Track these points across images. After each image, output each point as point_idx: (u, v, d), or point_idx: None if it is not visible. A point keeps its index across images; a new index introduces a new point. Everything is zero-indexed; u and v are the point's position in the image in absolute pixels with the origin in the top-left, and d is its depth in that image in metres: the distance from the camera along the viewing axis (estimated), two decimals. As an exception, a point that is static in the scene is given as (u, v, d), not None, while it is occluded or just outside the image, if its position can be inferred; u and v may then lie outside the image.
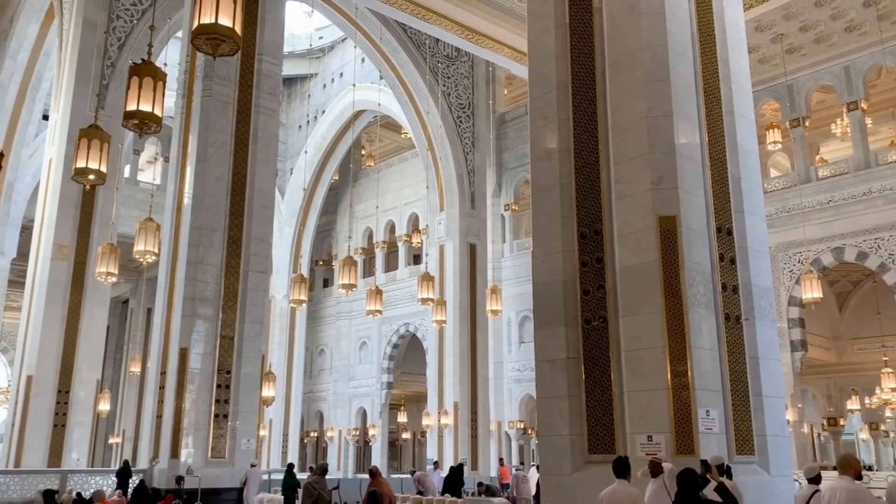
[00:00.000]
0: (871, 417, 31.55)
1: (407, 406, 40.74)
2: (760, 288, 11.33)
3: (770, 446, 10.55)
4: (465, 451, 27.49)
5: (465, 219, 29.61)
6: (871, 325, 29.05)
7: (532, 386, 12.30)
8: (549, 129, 11.87)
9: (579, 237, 11.17)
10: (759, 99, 25.32)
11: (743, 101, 12.02)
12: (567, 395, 10.78)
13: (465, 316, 28.66)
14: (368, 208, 35.97)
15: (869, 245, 24.52)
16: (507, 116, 33.73)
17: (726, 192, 11.20)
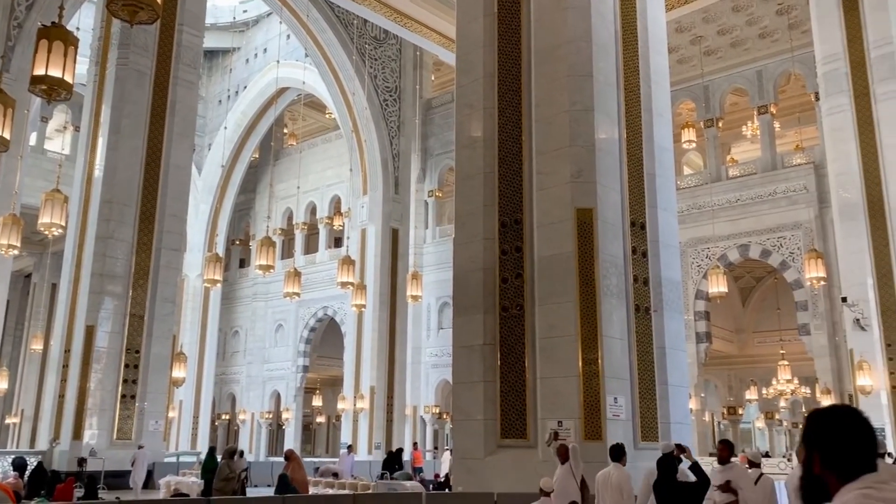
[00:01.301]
0: (767, 407, 33.31)
1: (322, 390, 40.43)
2: (670, 281, 11.78)
3: (673, 433, 11.01)
4: (380, 435, 27.55)
5: (388, 203, 29.50)
6: (771, 320, 30.62)
7: (449, 371, 12.44)
8: (474, 118, 11.96)
9: (500, 226, 11.33)
10: (676, 98, 26.16)
11: (661, 100, 12.41)
12: (482, 381, 10.95)
13: (385, 301, 28.62)
14: (289, 188, 35.35)
15: (772, 243, 25.77)
16: (434, 102, 33.71)
17: (641, 187, 11.57)
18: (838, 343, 23.43)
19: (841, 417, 1.98)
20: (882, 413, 19.20)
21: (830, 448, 1.93)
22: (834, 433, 1.95)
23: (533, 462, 9.80)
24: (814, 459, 1.95)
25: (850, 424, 1.96)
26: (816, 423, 1.99)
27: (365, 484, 14.73)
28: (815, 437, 1.97)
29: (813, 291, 23.73)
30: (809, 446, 1.97)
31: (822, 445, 1.95)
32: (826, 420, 1.99)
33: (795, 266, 24.81)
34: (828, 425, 1.98)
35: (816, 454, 1.95)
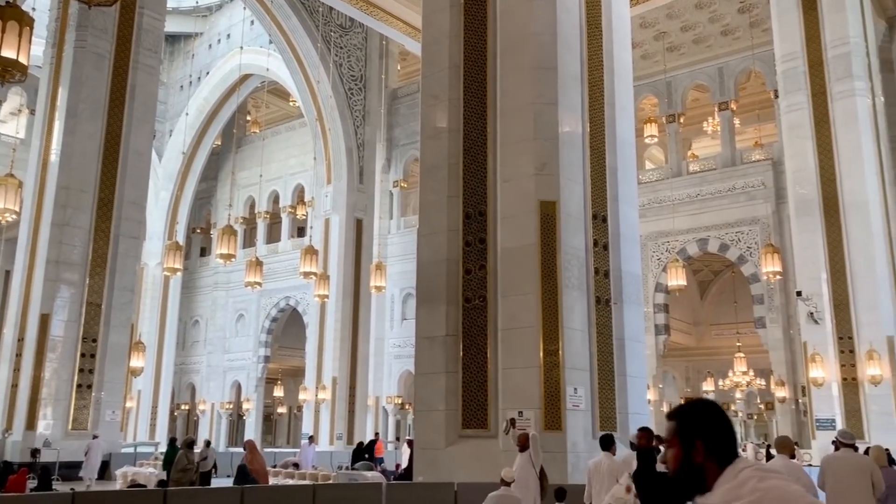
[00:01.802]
0: (723, 398, 33.96)
1: (284, 380, 40.16)
2: (630, 274, 11.94)
3: (631, 423, 11.18)
4: (342, 426, 27.47)
5: (352, 193, 29.32)
6: (728, 313, 31.23)
7: (412, 362, 12.48)
8: (439, 108, 11.95)
9: (464, 217, 11.35)
10: (639, 93, 26.45)
11: (624, 95, 12.54)
12: (445, 372, 10.99)
13: (349, 291, 28.49)
14: (252, 176, 34.92)
15: (730, 238, 26.27)
16: (400, 92, 33.57)
17: (604, 180, 11.69)
18: (793, 336, 24.02)
19: (714, 409, 2.13)
20: (833, 404, 19.75)
21: (713, 437, 2.06)
22: (714, 423, 2.09)
23: (493, 452, 9.87)
24: (697, 449, 2.06)
25: (722, 415, 2.12)
26: (695, 415, 2.13)
27: (326, 475, 14.71)
28: (697, 427, 2.09)
29: (769, 285, 24.27)
30: (690, 437, 2.08)
31: (706, 435, 2.07)
32: (704, 411, 2.13)
33: (752, 260, 25.33)
34: (707, 416, 2.11)
35: (700, 443, 2.06)
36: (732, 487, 1.97)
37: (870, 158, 20.81)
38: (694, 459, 2.07)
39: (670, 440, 2.16)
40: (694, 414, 2.15)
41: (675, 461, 2.13)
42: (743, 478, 1.97)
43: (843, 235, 20.31)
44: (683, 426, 2.13)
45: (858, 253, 20.09)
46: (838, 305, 20.06)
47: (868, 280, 19.91)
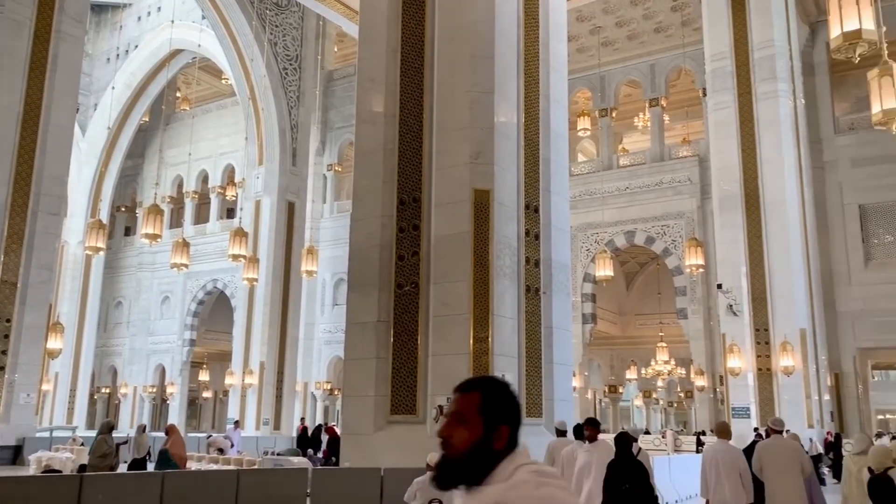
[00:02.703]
0: (645, 386, 35.07)
1: (210, 364, 39.35)
2: (560, 264, 12.15)
3: (556, 410, 11.43)
4: (269, 410, 27.14)
5: (284, 175, 28.84)
6: (652, 303, 32.17)
7: (342, 348, 12.40)
8: (375, 92, 11.86)
9: (399, 203, 11.33)
10: (573, 86, 26.85)
11: (559, 87, 12.71)
12: (375, 357, 10.98)
13: (279, 275, 28.07)
14: (180, 155, 33.95)
15: (656, 231, 27.02)
16: (336, 74, 33.14)
17: (537, 171, 11.84)
18: (712, 327, 24.92)
19: (512, 391, 1.87)
20: (748, 393, 20.64)
21: (517, 424, 1.84)
22: (516, 406, 1.85)
23: (421, 437, 9.93)
24: (500, 434, 1.81)
25: (508, 391, 1.88)
26: (504, 394, 1.85)
27: (251, 460, 14.52)
28: (506, 409, 1.84)
29: (692, 278, 25.09)
30: (496, 418, 1.81)
31: (514, 420, 1.84)
32: (510, 392, 1.86)
33: (677, 253, 26.12)
34: (514, 399, 1.86)
35: (506, 429, 1.82)
36: (505, 488, 1.74)
37: (790, 158, 21.72)
38: (493, 445, 1.80)
39: (465, 414, 1.82)
40: (502, 393, 1.86)
41: (468, 441, 1.81)
42: (518, 480, 1.74)
43: (762, 231, 21.17)
44: (490, 404, 1.83)
45: (776, 249, 20.99)
46: (756, 299, 20.93)
47: (784, 275, 20.82)
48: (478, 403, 1.83)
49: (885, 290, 23.39)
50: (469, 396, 1.84)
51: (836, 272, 24.14)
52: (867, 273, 24.03)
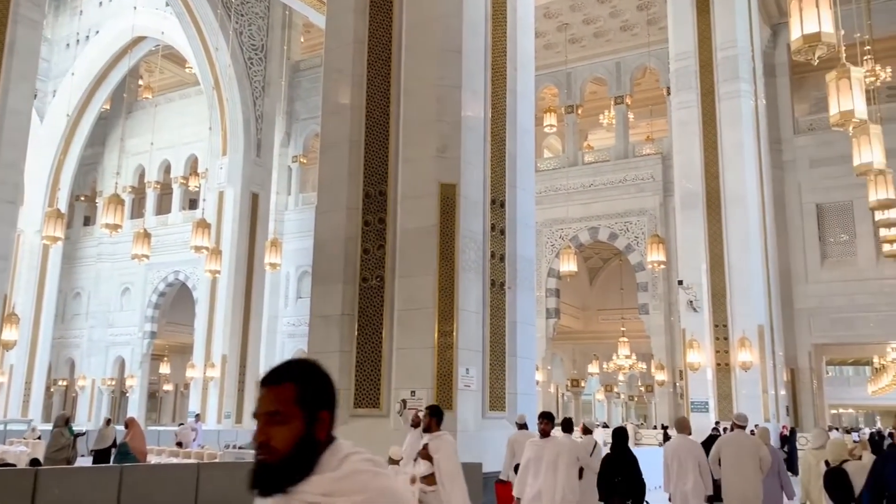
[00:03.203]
0: (607, 380, 35.46)
1: (171, 357, 38.79)
2: (525, 259, 12.24)
3: (519, 403, 11.52)
4: (231, 404, 26.88)
5: (249, 166, 28.51)
6: (615, 299, 32.53)
7: (306, 341, 12.33)
8: (342, 84, 11.79)
9: (364, 196, 11.29)
10: (540, 83, 26.97)
11: (526, 83, 12.76)
12: (339, 351, 10.94)
13: (242, 267, 27.77)
14: (142, 144, 33.32)
15: (620, 227, 27.33)
16: (302, 65, 32.83)
17: (503, 166, 11.89)
18: (673, 323, 25.31)
19: (322, 368, 1.73)
20: (707, 387, 21.02)
21: (335, 403, 1.71)
22: (332, 387, 1.72)
23: (385, 431, 9.94)
24: (322, 422, 1.67)
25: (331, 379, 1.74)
26: (318, 378, 1.69)
27: (212, 453, 14.38)
28: (322, 393, 1.69)
29: (653, 274, 25.43)
30: (314, 406, 1.66)
31: (332, 404, 1.71)
32: (325, 374, 1.72)
33: (639, 249, 26.45)
34: (326, 379, 1.72)
35: (327, 415, 1.68)
36: (336, 478, 1.62)
37: (750, 157, 22.13)
38: (317, 435, 1.66)
39: (281, 411, 1.64)
40: (316, 376, 1.70)
41: (291, 440, 1.63)
42: (349, 469, 1.63)
43: (722, 229, 21.56)
44: (306, 392, 1.66)
45: (736, 246, 21.39)
46: (716, 295, 21.31)
47: (743, 272, 21.24)
48: (293, 395, 1.65)
49: (839, 288, 24.02)
50: (281, 389, 1.65)
51: (793, 270, 24.70)
52: (823, 271, 24.63)
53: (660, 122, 30.75)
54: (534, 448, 7.02)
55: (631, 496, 7.33)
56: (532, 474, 6.84)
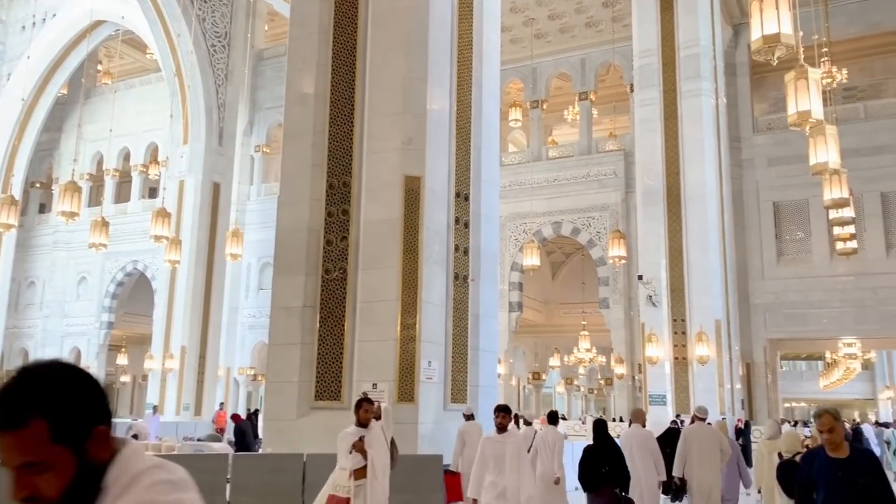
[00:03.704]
0: (567, 373, 35.88)
1: (129, 348, 38.13)
2: (488, 252, 12.29)
3: (481, 396, 11.59)
4: (190, 396, 26.54)
5: (210, 155, 28.08)
6: (576, 293, 32.85)
7: (266, 333, 12.21)
8: (306, 73, 11.68)
9: (328, 187, 11.21)
10: (506, 77, 27.04)
11: (492, 77, 12.79)
12: (300, 343, 10.88)
13: (202, 257, 27.39)
14: (101, 131, 32.57)
15: (582, 222, 27.58)
16: (266, 54, 32.42)
17: (468, 160, 11.91)
18: (632, 317, 25.65)
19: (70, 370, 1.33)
20: (665, 381, 21.37)
21: (107, 409, 1.35)
22: (96, 387, 1.35)
23: (346, 424, 9.88)
24: (98, 440, 1.30)
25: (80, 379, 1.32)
26: (69, 395, 1.28)
27: (170, 445, 14.19)
28: (84, 409, 1.30)
29: (614, 269, 25.73)
30: (80, 433, 1.28)
31: (102, 409, 1.33)
32: (74, 379, 1.31)
33: (601, 244, 26.73)
34: (81, 382, 1.31)
35: (101, 428, 1.31)
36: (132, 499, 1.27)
37: (710, 155, 22.49)
38: (96, 459, 1.30)
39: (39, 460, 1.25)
40: (72, 392, 1.29)
41: (64, 481, 1.27)
42: (143, 487, 1.29)
43: (682, 225, 21.90)
44: (63, 422, 1.26)
45: (695, 242, 21.75)
46: (674, 290, 21.65)
47: (702, 267, 21.60)
48: (46, 435, 1.25)
49: (794, 285, 24.59)
50: (28, 433, 1.24)
51: (750, 266, 25.21)
52: (779, 268, 25.19)
53: (623, 118, 31.06)
54: (492, 444, 6.59)
55: (619, 484, 7.55)
56: (493, 472, 6.41)
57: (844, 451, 4.03)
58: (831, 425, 4.00)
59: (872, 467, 4.02)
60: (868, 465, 4.02)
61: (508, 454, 6.43)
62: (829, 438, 4.00)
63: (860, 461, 4.02)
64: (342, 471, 5.66)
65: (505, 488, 6.28)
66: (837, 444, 4.02)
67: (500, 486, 6.31)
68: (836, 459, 3.98)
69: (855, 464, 3.96)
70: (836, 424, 4.02)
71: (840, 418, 4.11)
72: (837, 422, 4.04)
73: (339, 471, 5.62)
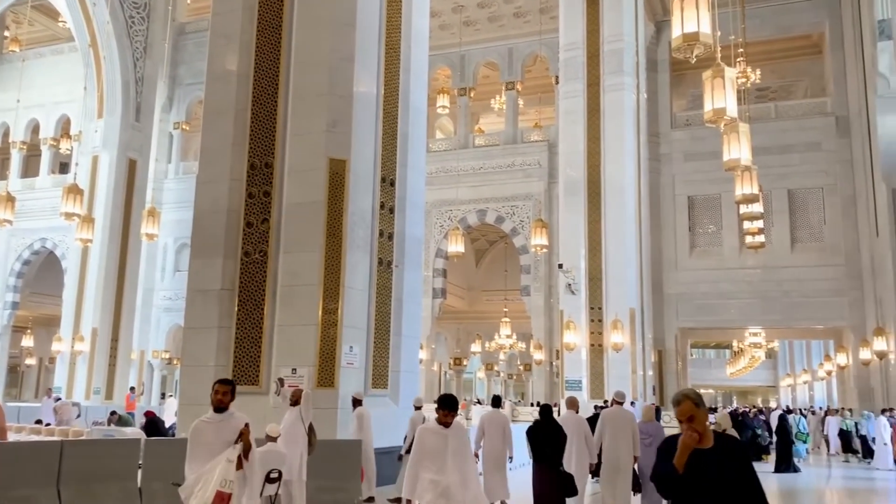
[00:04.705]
0: (488, 359, 36.37)
1: (35, 329, 36.43)
2: (413, 238, 12.30)
3: (402, 381, 11.63)
4: (101, 379, 25.62)
5: (126, 131, 27.01)
6: (499, 280, 33.23)
7: (183, 316, 11.89)
8: (229, 50, 11.38)
9: (249, 168, 10.98)
10: (434, 63, 27.00)
11: (420, 62, 12.75)
12: (217, 327, 10.66)
13: (116, 237, 26.38)
14: (7, 100, 30.80)
15: (506, 211, 27.90)
16: (188, 28, 31.37)
17: (394, 144, 11.86)
18: (552, 304, 26.17)
19: None
20: (581, 367, 21.95)
21: None
22: None
23: (264, 409, 9.77)
24: None
25: None
26: None
27: (77, 430, 13.69)
28: None
29: (536, 257, 26.16)
30: None
31: None
32: None
33: (524, 233, 27.11)
34: None
35: None
36: None
37: (630, 149, 23.11)
38: None
39: None
40: None
41: None
42: None
43: (601, 216, 22.47)
44: None
45: (613, 233, 22.36)
46: (592, 278, 22.23)
47: (619, 257, 22.25)
48: None
49: (705, 276, 25.60)
50: None
51: (664, 257, 26.08)
52: (691, 259, 26.16)
53: (548, 109, 31.48)
54: (431, 437, 5.52)
55: (560, 459, 8.31)
56: (432, 469, 5.43)
57: (708, 441, 3.42)
58: (692, 412, 3.39)
59: (740, 458, 3.44)
60: (735, 454, 3.44)
61: (451, 448, 5.44)
62: (691, 428, 3.39)
63: (726, 450, 3.43)
64: (229, 463, 5.03)
65: (448, 487, 5.34)
66: (700, 434, 3.38)
67: (442, 484, 5.36)
68: (698, 451, 3.37)
69: (720, 454, 3.39)
70: (697, 412, 3.40)
71: (702, 404, 3.48)
72: (699, 409, 3.42)
73: (227, 463, 5.03)
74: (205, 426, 5.30)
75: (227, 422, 5.26)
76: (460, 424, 5.72)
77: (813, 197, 25.41)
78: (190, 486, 5.09)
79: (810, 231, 25.33)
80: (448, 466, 5.41)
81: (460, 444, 5.53)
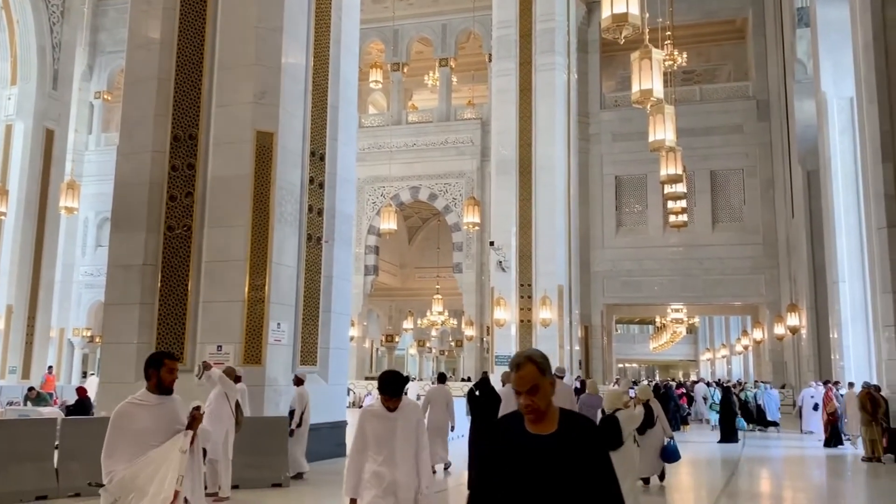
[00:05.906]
0: (420, 336, 36.49)
1: (-56, 306, 34.66)
2: (343, 214, 12.18)
3: (331, 358, 11.56)
4: (17, 358, 24.60)
5: (43, 99, 25.75)
6: (431, 257, 33.34)
7: (104, 292, 11.49)
8: (152, 16, 10.96)
9: (172, 139, 10.65)
10: (366, 37, 26.65)
11: (351, 34, 12.56)
12: (139, 303, 10.36)
13: (32, 210, 25.22)
14: None
15: (440, 188, 27.92)
16: (109, -7, 30.06)
17: (324, 118, 11.68)
18: (484, 281, 26.44)
19: None
20: (510, 342, 22.29)
21: None
22: None
23: (189, 386, 9.53)
24: None
25: None
26: None
27: (-8, 411, 13.15)
28: None
29: (468, 235, 26.34)
30: None
31: None
32: None
33: (456, 211, 27.22)
34: None
35: None
36: None
37: (561, 128, 23.40)
38: None
39: None
40: None
41: None
42: None
43: (532, 195, 22.74)
44: None
45: (543, 211, 22.68)
46: (523, 256, 22.54)
47: (548, 236, 22.60)
48: None
49: (630, 254, 26.30)
50: None
51: (592, 235, 26.65)
52: (618, 238, 26.80)
53: (481, 87, 31.50)
54: (375, 422, 4.45)
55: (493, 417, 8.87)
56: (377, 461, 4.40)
57: (551, 424, 2.36)
58: (535, 381, 2.35)
59: (590, 447, 2.34)
60: (585, 442, 2.35)
61: (400, 435, 4.42)
62: (530, 405, 2.34)
63: (572, 437, 2.34)
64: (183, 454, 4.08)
65: (394, 481, 4.36)
66: (540, 414, 2.35)
67: (388, 478, 4.36)
68: (536, 436, 2.33)
69: (563, 442, 2.32)
70: (542, 381, 2.36)
71: (549, 371, 2.43)
72: (545, 377, 2.38)
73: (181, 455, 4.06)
74: (136, 410, 4.26)
75: (166, 405, 4.28)
76: (413, 404, 4.72)
77: (734, 178, 26.32)
78: (125, 485, 3.99)
79: (730, 211, 26.26)
80: (397, 456, 4.40)
81: (411, 429, 4.46)
